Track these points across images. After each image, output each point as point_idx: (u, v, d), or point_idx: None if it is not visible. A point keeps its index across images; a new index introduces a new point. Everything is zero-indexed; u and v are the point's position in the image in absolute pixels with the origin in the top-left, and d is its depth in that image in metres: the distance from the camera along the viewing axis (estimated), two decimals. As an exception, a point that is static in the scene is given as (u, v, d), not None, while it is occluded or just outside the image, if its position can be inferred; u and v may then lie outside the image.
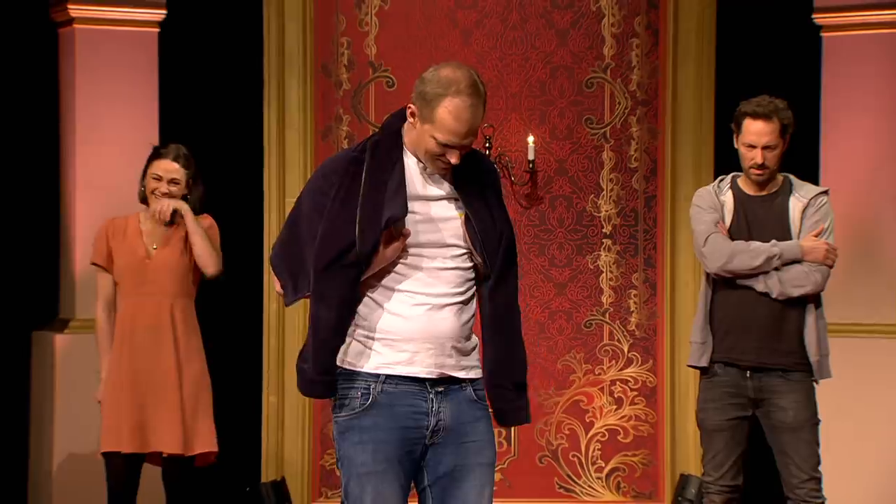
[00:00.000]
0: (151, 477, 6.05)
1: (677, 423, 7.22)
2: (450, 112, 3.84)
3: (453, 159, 3.88)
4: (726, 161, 7.06)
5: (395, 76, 7.26)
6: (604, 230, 7.31)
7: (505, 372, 4.00)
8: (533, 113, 7.31)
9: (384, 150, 3.94)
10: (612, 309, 7.31)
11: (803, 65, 7.15)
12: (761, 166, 5.42)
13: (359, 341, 3.92)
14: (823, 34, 7.14)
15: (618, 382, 7.31)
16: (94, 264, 6.03)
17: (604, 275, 7.32)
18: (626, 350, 7.31)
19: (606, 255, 7.32)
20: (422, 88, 3.87)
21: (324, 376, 3.91)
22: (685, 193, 7.21)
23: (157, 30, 7.13)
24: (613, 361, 7.31)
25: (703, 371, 5.52)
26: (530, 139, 7.24)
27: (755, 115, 5.41)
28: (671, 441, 7.22)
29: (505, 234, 3.99)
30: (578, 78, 7.31)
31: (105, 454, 5.89)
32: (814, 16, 7.14)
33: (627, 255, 7.31)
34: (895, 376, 6.97)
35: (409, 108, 3.91)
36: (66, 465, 6.90)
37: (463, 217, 3.95)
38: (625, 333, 7.31)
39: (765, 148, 5.40)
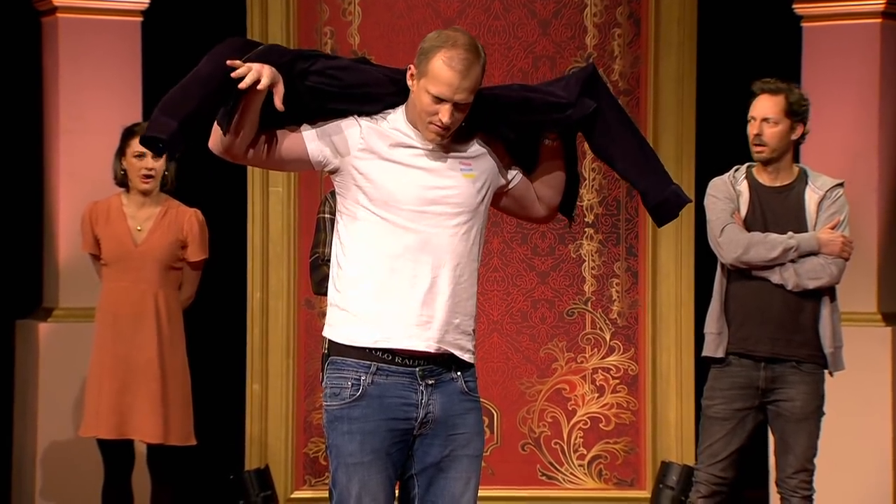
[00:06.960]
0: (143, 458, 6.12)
1: (659, 411, 7.25)
2: (443, 61, 3.75)
3: (444, 117, 3.76)
4: (708, 150, 7.13)
5: (377, 65, 7.26)
6: (586, 219, 7.33)
7: (649, 157, 4.07)
8: (515, 102, 7.31)
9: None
10: (594, 298, 7.33)
11: (784, 54, 7.17)
12: (759, 139, 5.37)
13: (352, 314, 3.84)
14: (804, 24, 7.16)
15: (600, 371, 7.34)
16: (90, 254, 6.08)
17: (586, 264, 7.34)
18: (607, 338, 7.33)
19: (589, 244, 7.34)
20: (421, 46, 3.82)
21: (164, 117, 3.75)
22: (667, 183, 7.24)
23: (140, 19, 7.12)
24: (595, 350, 7.34)
25: (717, 361, 5.47)
26: (513, 128, 7.25)
27: (761, 91, 5.42)
28: (653, 429, 7.24)
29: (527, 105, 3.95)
30: (561, 67, 7.32)
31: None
32: (794, 5, 7.16)
33: (609, 244, 7.33)
34: (873, 364, 7.00)
35: (409, 69, 3.83)
36: (50, 453, 6.90)
37: (470, 176, 3.88)
38: (607, 322, 7.34)
39: (763, 121, 5.37)
